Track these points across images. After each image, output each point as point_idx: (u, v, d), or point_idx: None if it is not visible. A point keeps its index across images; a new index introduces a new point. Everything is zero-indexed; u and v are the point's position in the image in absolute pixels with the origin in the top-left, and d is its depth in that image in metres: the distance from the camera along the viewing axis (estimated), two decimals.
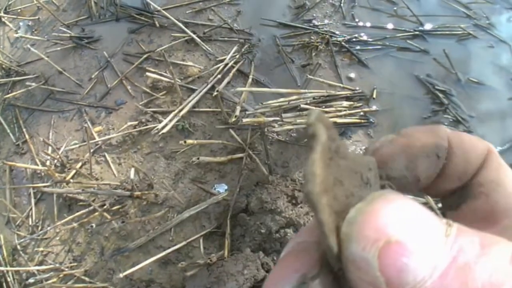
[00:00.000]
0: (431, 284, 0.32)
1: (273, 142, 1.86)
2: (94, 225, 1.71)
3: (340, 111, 1.89)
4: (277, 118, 1.76)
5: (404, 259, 0.31)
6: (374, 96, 1.96)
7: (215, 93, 1.74)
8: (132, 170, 1.74)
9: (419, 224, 0.33)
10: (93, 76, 2.05)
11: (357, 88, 2.01)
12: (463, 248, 0.32)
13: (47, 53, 2.15)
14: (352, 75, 2.07)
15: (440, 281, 0.32)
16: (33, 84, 2.07)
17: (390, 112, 1.95)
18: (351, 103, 1.92)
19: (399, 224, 0.32)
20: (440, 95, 1.96)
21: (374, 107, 1.96)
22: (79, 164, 1.88)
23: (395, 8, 2.35)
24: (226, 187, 1.82)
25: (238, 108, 1.78)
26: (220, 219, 1.78)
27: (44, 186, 1.92)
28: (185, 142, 1.62)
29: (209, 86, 1.93)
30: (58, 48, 2.17)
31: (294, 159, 1.86)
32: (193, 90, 1.93)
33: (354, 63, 2.11)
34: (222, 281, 1.65)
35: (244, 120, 1.69)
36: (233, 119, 1.75)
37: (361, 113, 1.92)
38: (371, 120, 1.92)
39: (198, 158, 1.66)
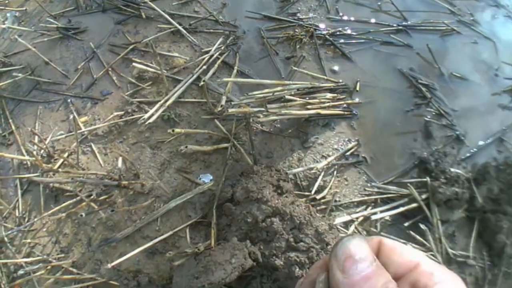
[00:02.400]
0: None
1: (257, 133, 1.74)
2: (83, 214, 1.62)
3: (323, 102, 1.78)
4: (262, 109, 1.64)
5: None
6: (358, 88, 1.88)
7: (202, 83, 1.60)
8: (120, 159, 1.62)
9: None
10: (79, 67, 1.89)
11: (341, 81, 1.91)
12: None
13: (34, 44, 1.98)
14: (336, 67, 1.97)
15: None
16: (20, 74, 1.92)
17: (373, 105, 1.87)
18: (335, 95, 1.83)
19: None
20: (423, 88, 1.89)
21: (357, 99, 1.87)
22: (66, 154, 1.73)
23: (379, 3, 2.26)
24: (211, 177, 1.70)
25: (224, 98, 1.64)
26: (205, 209, 1.68)
27: (33, 176, 1.79)
28: (173, 131, 1.48)
29: (194, 76, 1.79)
30: (45, 39, 2.01)
31: (278, 149, 1.76)
32: (178, 81, 1.79)
33: (338, 56, 2.00)
34: (210, 270, 1.55)
35: (230, 110, 1.57)
36: (219, 109, 1.62)
37: (344, 105, 1.83)
38: (354, 112, 1.83)
39: (186, 147, 1.55)
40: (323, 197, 1.72)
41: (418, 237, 1.64)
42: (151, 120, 1.67)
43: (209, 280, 1.54)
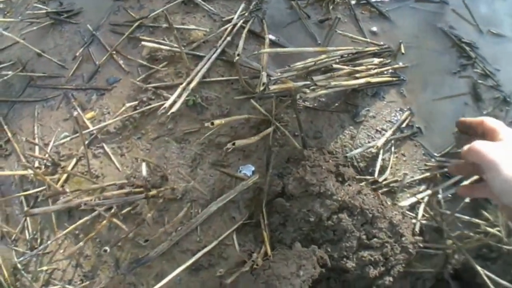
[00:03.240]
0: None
1: (300, 110, 1.19)
2: (107, 248, 1.02)
3: (371, 69, 1.21)
4: (308, 82, 1.09)
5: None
6: (403, 51, 1.29)
7: (236, 57, 1.05)
8: (143, 165, 1.11)
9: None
10: (77, 54, 1.35)
11: (383, 43, 1.31)
12: None
13: (23, 35, 1.43)
14: (375, 29, 1.37)
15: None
16: (10, 72, 1.36)
17: (419, 68, 1.29)
18: (381, 59, 1.25)
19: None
20: (467, 48, 1.32)
21: (403, 64, 1.28)
22: (73, 161, 1.20)
23: None
24: (253, 169, 1.14)
25: (264, 74, 1.08)
26: (251, 207, 1.13)
27: (33, 206, 1.22)
28: (212, 124, 0.94)
29: (219, 50, 1.23)
30: (35, 28, 1.42)
31: (327, 127, 1.18)
32: (200, 58, 1.24)
33: (375, 15, 1.39)
34: (273, 286, 0.99)
35: (271, 87, 1.02)
36: (261, 88, 1.06)
37: (391, 71, 1.25)
38: (402, 77, 1.26)
39: (233, 144, 0.98)
40: (385, 179, 1.16)
41: (484, 212, 1.16)
42: (174, 109, 1.11)
43: None
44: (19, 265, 1.16)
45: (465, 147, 0.87)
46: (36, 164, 1.18)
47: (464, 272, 1.20)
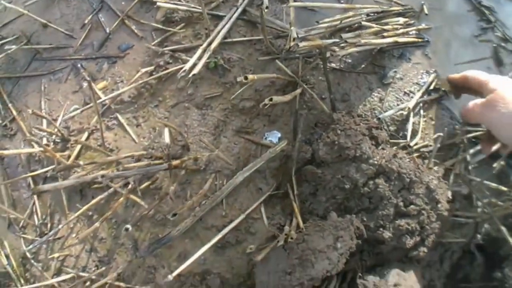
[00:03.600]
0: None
1: (328, 72, 0.97)
2: (129, 227, 0.78)
3: (397, 29, 1.03)
4: (337, 40, 0.92)
5: None
6: (426, 12, 1.10)
7: (265, 11, 0.87)
8: (166, 130, 0.87)
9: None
10: (86, 22, 1.18)
11: (406, 4, 1.12)
12: None
13: (27, 7, 1.20)
14: None
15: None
16: (13, 46, 1.15)
17: (442, 30, 1.10)
18: (406, 19, 1.06)
19: None
20: (486, 11, 1.13)
21: (426, 25, 1.09)
22: (85, 136, 1.00)
23: None
24: (279, 135, 0.95)
25: (293, 28, 0.88)
26: (278, 177, 0.93)
27: (45, 178, 0.99)
28: (246, 78, 0.76)
29: (240, 9, 1.03)
30: None
31: (354, 90, 0.99)
32: (219, 18, 1.04)
33: None
34: (308, 261, 0.80)
35: (301, 44, 0.85)
36: (291, 43, 0.87)
37: (415, 32, 1.06)
38: (426, 39, 1.07)
39: (271, 99, 0.80)
40: (416, 143, 0.97)
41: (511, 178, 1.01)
42: (195, 71, 0.90)
43: (310, 275, 0.80)
44: (28, 254, 0.98)
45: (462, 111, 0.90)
46: (44, 141, 0.98)
47: (489, 243, 1.07)
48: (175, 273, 0.83)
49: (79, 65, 1.06)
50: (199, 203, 0.90)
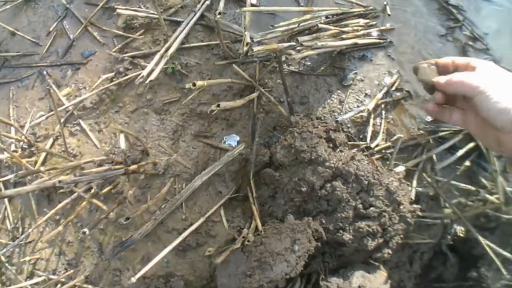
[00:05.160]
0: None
1: (285, 75, 0.95)
2: (87, 230, 0.75)
3: (357, 30, 0.99)
4: (293, 43, 0.87)
5: None
6: (389, 12, 1.05)
7: (217, 16, 0.82)
8: (121, 136, 0.86)
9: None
10: (51, 29, 1.15)
11: (368, 5, 1.06)
12: None
13: None
14: None
15: None
16: None
17: (406, 30, 1.05)
18: (367, 21, 1.02)
19: None
20: (454, 10, 1.08)
21: (389, 25, 1.04)
22: (50, 141, 0.79)
23: None
24: (237, 138, 0.92)
25: (247, 34, 0.86)
26: (237, 181, 0.91)
27: (15, 183, 0.96)
28: (194, 85, 0.74)
29: (198, 15, 1.01)
30: (8, 7, 1.17)
31: (313, 92, 0.96)
32: (178, 23, 1.03)
33: None
34: (267, 264, 0.78)
35: (255, 48, 0.79)
36: (245, 48, 0.85)
37: (378, 33, 1.02)
38: (389, 40, 1.02)
39: (218, 106, 0.79)
40: (377, 145, 0.94)
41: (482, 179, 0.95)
42: (152, 77, 0.88)
43: (268, 278, 0.79)
44: (2, 258, 0.96)
45: (442, 79, 0.73)
46: (13, 148, 0.96)
47: (461, 244, 1.03)
48: (137, 275, 0.81)
49: (45, 72, 1.03)
50: (159, 206, 0.88)
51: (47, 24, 1.08)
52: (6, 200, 1.01)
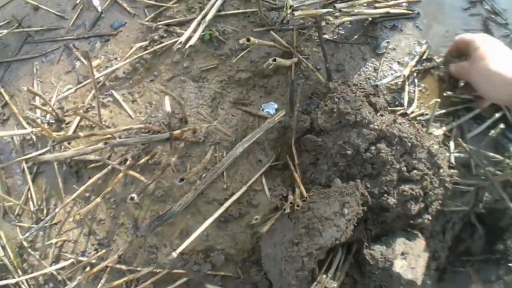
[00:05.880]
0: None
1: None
2: (135, 196, 0.69)
3: (388, 0, 0.98)
4: (331, 10, 0.85)
5: None
6: None
7: None
8: (166, 98, 0.83)
9: None
10: (77, 2, 0.96)
11: None
12: None
13: None
14: None
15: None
16: (4, 31, 1.07)
17: (431, 3, 1.04)
18: None
19: None
20: None
21: None
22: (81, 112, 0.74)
23: None
24: (275, 106, 0.89)
25: None
26: (277, 149, 0.87)
27: (40, 154, 0.90)
28: (248, 40, 0.70)
29: None
30: None
31: (348, 60, 0.94)
32: None
33: None
34: (316, 230, 0.73)
35: (296, 13, 0.76)
36: (288, 11, 0.76)
37: (406, 4, 1.01)
38: (416, 11, 1.01)
39: (274, 60, 0.73)
40: (412, 112, 0.91)
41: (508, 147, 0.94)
42: (191, 42, 0.84)
43: (318, 244, 0.75)
44: (25, 243, 0.90)
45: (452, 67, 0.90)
46: (39, 122, 0.89)
47: (489, 215, 1.02)
48: (178, 250, 0.76)
49: (71, 45, 0.98)
50: (199, 176, 0.83)
51: None
52: (29, 179, 0.95)
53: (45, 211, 0.92)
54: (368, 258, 0.84)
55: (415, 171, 0.83)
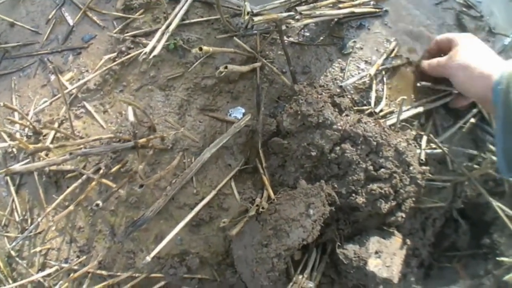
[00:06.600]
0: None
1: (286, 46, 0.92)
2: (100, 202, 0.73)
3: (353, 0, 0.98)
4: (292, 13, 0.85)
5: None
6: None
7: None
8: (130, 109, 0.83)
9: None
10: (50, 17, 1.06)
11: None
12: None
13: None
14: None
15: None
16: None
17: None
18: None
19: None
20: None
21: None
22: (56, 125, 0.75)
23: None
24: (243, 111, 0.90)
25: (247, 4, 0.80)
26: (245, 152, 0.89)
27: (19, 183, 0.94)
28: (200, 49, 0.72)
29: None
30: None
31: (314, 62, 0.94)
32: (176, 1, 0.99)
33: None
34: (283, 231, 0.75)
35: (256, 19, 0.77)
36: (246, 17, 0.79)
37: (373, 2, 1.00)
38: (384, 8, 1.00)
39: (226, 67, 0.75)
40: (381, 110, 0.91)
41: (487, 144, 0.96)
42: (155, 52, 0.85)
43: (286, 245, 0.76)
44: (12, 252, 0.93)
45: (424, 63, 0.92)
46: (18, 136, 0.91)
47: (472, 210, 1.02)
48: (152, 254, 0.78)
49: (46, 59, 1.00)
50: (169, 182, 0.85)
51: (45, 13, 1.05)
52: (13, 191, 0.97)
53: (29, 221, 0.94)
54: (342, 257, 0.86)
55: (382, 169, 0.83)
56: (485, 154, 0.96)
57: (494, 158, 0.92)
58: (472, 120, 0.95)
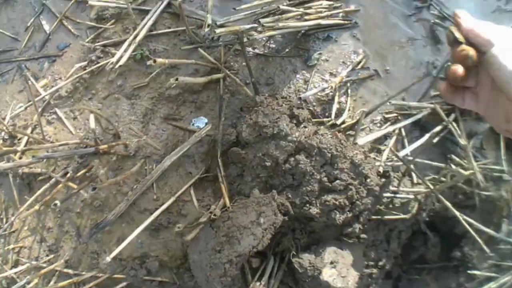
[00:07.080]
0: None
1: (251, 58, 0.97)
2: (58, 202, 0.77)
3: (321, 12, 0.98)
4: (255, 25, 0.87)
5: None
6: None
7: (178, 1, 0.84)
8: (91, 117, 0.87)
9: None
10: (28, 25, 1.15)
11: None
12: None
13: None
14: None
15: None
16: None
17: (372, 11, 1.03)
18: (331, 2, 1.01)
19: None
20: None
21: (354, 7, 1.03)
22: (29, 131, 0.80)
23: None
24: (206, 120, 0.93)
25: (209, 16, 0.89)
26: (207, 161, 0.91)
27: None
28: (154, 61, 0.75)
29: (165, 2, 1.00)
30: None
31: (278, 73, 0.96)
32: (146, 12, 1.02)
33: None
34: (234, 238, 0.77)
35: (218, 31, 0.80)
36: (206, 30, 0.87)
37: (342, 14, 1.01)
38: (354, 21, 1.01)
39: (176, 79, 0.78)
40: (343, 122, 0.93)
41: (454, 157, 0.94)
42: (121, 62, 0.89)
43: (237, 252, 0.77)
44: None
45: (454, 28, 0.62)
46: None
47: (441, 223, 1.01)
48: (112, 255, 0.81)
49: (23, 66, 1.04)
50: (131, 187, 0.88)
51: (25, 20, 1.09)
52: None
53: (4, 220, 0.98)
54: (297, 266, 0.87)
55: (337, 181, 0.84)
56: (452, 168, 0.95)
57: (462, 171, 0.91)
58: (441, 133, 0.94)
